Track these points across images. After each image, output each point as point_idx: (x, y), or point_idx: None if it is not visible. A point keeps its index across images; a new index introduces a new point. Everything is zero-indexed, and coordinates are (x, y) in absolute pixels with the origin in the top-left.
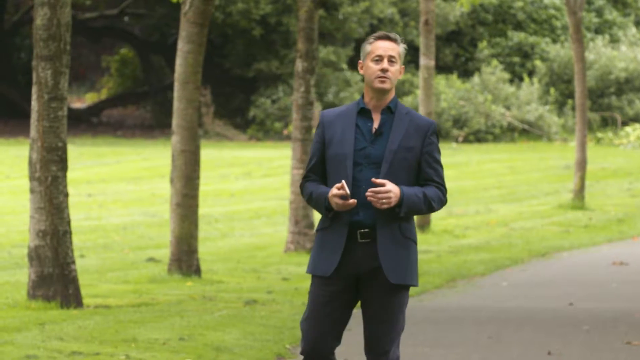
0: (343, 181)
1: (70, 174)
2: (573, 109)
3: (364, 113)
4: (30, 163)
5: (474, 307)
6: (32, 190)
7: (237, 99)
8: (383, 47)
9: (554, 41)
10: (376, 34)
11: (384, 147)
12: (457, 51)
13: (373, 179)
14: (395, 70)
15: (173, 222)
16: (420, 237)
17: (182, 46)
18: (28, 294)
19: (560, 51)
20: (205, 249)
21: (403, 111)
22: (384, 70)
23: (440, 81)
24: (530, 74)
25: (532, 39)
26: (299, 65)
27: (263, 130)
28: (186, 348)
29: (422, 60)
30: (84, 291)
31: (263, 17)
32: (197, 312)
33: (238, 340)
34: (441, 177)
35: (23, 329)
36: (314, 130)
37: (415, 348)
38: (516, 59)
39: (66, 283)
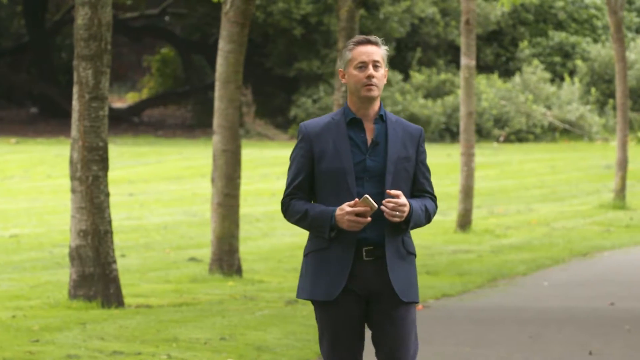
0: (367, 195)
1: (111, 174)
2: (614, 108)
3: (354, 124)
4: (72, 163)
5: (515, 307)
6: (73, 190)
7: (278, 98)
8: (366, 52)
9: (595, 41)
10: (355, 39)
11: (383, 159)
12: (498, 51)
13: (388, 190)
14: (381, 76)
15: (214, 222)
16: (461, 236)
17: (223, 46)
18: (69, 293)
19: (601, 51)
20: (246, 249)
21: (393, 119)
22: (370, 77)
23: (481, 81)
24: (571, 73)
25: (573, 38)
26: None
27: None
28: (227, 347)
29: (463, 60)
30: (125, 291)
31: (304, 17)
32: (238, 311)
33: (279, 340)
34: (432, 187)
35: (64, 328)
36: None
37: (456, 347)
38: (557, 59)
39: (107, 283)
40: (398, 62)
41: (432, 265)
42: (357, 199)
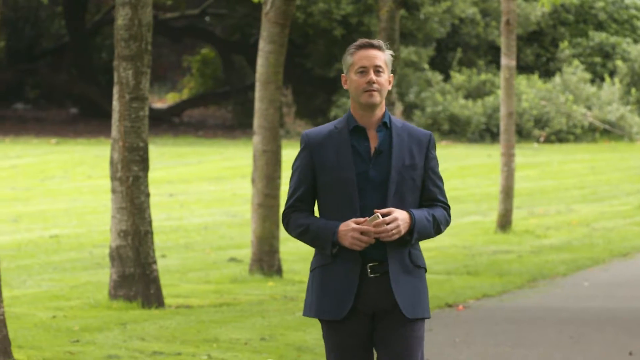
0: (378, 214)
1: (152, 174)
2: None
3: (357, 132)
4: (112, 163)
5: (555, 307)
6: (113, 191)
7: (318, 98)
8: (367, 56)
9: (635, 41)
10: (357, 43)
11: (387, 168)
12: (538, 51)
13: (375, 210)
14: (384, 81)
15: (254, 222)
16: (501, 237)
17: (263, 46)
18: (109, 294)
19: None
20: (286, 249)
21: (398, 125)
22: (370, 83)
23: (522, 81)
24: (612, 74)
25: (613, 39)
26: None
27: None
28: (267, 348)
29: (503, 60)
30: (165, 291)
31: (344, 17)
32: (278, 312)
33: (319, 340)
34: (445, 196)
35: (105, 329)
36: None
37: (496, 348)
38: (597, 59)
39: (147, 283)
40: (438, 63)
41: (473, 265)
42: (378, 213)
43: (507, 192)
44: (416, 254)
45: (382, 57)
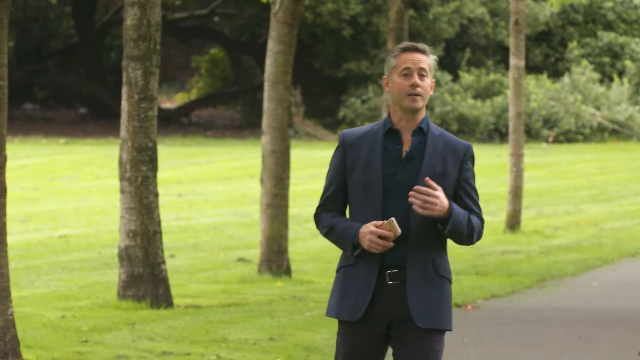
0: (393, 219)
1: (160, 174)
2: None
3: (392, 134)
4: (121, 163)
5: (563, 308)
6: (122, 191)
7: (327, 99)
8: (411, 59)
9: None
10: (402, 45)
11: (417, 173)
12: (547, 51)
13: (427, 179)
14: (427, 85)
15: (263, 222)
16: (509, 237)
17: (272, 46)
18: (118, 294)
19: None
20: (295, 249)
21: (436, 132)
22: (414, 86)
23: (530, 81)
24: (620, 74)
25: (622, 39)
26: None
27: None
28: (276, 348)
29: (512, 61)
30: (174, 291)
31: (353, 17)
32: (287, 312)
33: (328, 341)
34: (479, 208)
35: (113, 329)
36: None
37: (505, 348)
38: (606, 59)
39: (156, 283)
40: (447, 63)
41: (481, 265)
42: (393, 220)
43: (516, 192)
44: (441, 264)
45: (427, 61)
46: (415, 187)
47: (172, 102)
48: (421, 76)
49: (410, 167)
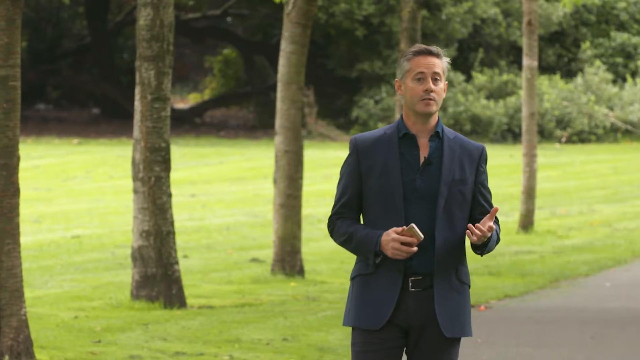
0: (413, 224)
1: (174, 175)
2: None
3: (407, 139)
4: (134, 163)
5: (577, 308)
6: (135, 191)
7: (340, 99)
8: (425, 63)
9: None
10: (415, 48)
11: (436, 179)
12: (560, 52)
13: (495, 208)
14: (440, 89)
15: (276, 223)
16: (523, 237)
17: (285, 47)
18: (131, 294)
19: None
20: (308, 250)
21: (451, 136)
22: (428, 91)
23: (543, 82)
24: (634, 74)
25: (635, 39)
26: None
27: (366, 130)
28: (289, 348)
29: (525, 61)
30: (187, 291)
31: (366, 18)
32: (300, 312)
33: (341, 341)
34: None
35: (127, 329)
36: None
37: (518, 348)
38: (619, 60)
39: (169, 283)
40: (460, 63)
41: (494, 266)
42: (413, 225)
43: (529, 193)
44: (463, 271)
45: (440, 64)
46: (476, 225)
47: (185, 102)
48: (435, 80)
49: (429, 174)
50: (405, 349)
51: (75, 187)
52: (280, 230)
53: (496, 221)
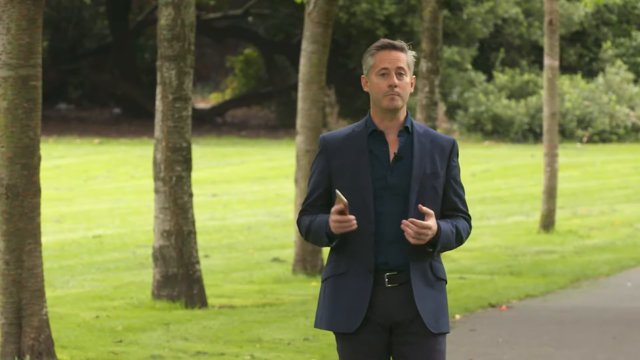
0: (337, 191)
1: (195, 174)
2: None
3: (376, 136)
4: (155, 163)
5: (598, 308)
6: (156, 191)
7: (361, 99)
8: (388, 58)
9: None
10: (378, 43)
11: (407, 175)
12: (581, 51)
13: (420, 206)
14: (406, 84)
15: None
16: (544, 237)
17: (306, 46)
18: (153, 294)
19: None
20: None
21: (420, 130)
22: (392, 86)
23: (565, 81)
24: None
25: None
26: (423, 65)
27: None
28: (311, 348)
29: (546, 61)
30: (208, 291)
31: (387, 18)
32: None
33: None
34: (466, 206)
35: (148, 329)
36: (439, 130)
37: (540, 348)
38: None
39: (191, 283)
40: (481, 63)
41: (516, 265)
42: (337, 191)
43: (550, 193)
44: (437, 266)
45: (405, 58)
46: (410, 220)
47: (206, 102)
48: (399, 75)
49: (400, 169)
50: (392, 346)
51: (97, 186)
52: None
53: (466, 219)
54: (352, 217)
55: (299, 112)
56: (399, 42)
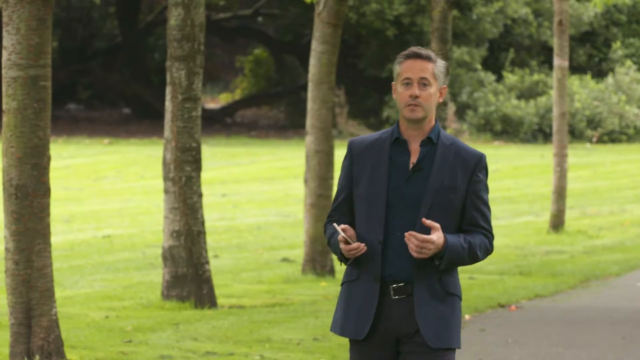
0: (334, 224)
1: (204, 174)
2: None
3: (399, 144)
4: (164, 163)
5: (608, 308)
6: (166, 191)
7: (370, 99)
8: (413, 67)
9: None
10: (406, 52)
11: (423, 186)
12: (590, 52)
13: (423, 219)
14: (429, 95)
15: (307, 223)
16: (553, 237)
17: (316, 46)
18: (162, 294)
19: None
20: None
21: (447, 142)
22: (413, 97)
23: (574, 82)
24: None
25: None
26: None
27: None
28: (320, 348)
29: (556, 61)
30: (218, 291)
31: (397, 18)
32: (331, 312)
33: None
34: (488, 222)
35: (157, 329)
36: (448, 131)
37: (549, 348)
38: None
39: (200, 283)
40: (491, 63)
41: (525, 265)
42: (334, 225)
43: (560, 193)
44: (449, 280)
45: (430, 68)
46: (410, 232)
47: (216, 102)
48: (423, 85)
49: (417, 180)
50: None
51: (106, 187)
52: (311, 230)
53: (485, 235)
54: (358, 244)
55: (308, 113)
56: (425, 51)
